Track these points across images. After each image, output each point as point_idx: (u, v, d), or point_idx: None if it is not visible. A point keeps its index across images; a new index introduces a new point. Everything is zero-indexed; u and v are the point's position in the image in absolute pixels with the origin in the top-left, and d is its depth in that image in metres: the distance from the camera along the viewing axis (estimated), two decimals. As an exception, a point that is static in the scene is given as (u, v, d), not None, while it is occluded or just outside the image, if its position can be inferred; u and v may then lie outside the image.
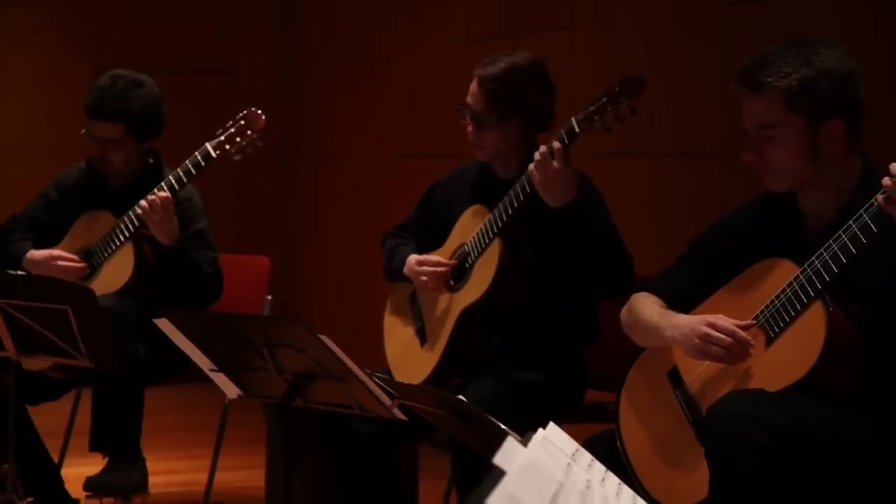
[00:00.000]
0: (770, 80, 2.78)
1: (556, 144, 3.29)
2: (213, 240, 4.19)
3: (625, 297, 3.10)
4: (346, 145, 6.75)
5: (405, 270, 3.69)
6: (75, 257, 4.14)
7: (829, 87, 2.76)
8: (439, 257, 3.65)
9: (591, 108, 3.26)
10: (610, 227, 3.42)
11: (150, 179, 4.16)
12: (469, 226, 3.62)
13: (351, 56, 6.67)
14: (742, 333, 2.75)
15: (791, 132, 2.80)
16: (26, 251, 4.18)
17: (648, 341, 2.98)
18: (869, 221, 2.61)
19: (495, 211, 3.50)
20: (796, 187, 2.88)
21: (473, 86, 3.60)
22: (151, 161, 4.28)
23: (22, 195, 4.49)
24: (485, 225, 3.53)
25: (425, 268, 3.62)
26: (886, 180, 2.56)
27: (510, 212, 3.45)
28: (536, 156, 3.31)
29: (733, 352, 2.75)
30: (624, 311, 3.06)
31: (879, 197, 2.58)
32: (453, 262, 3.62)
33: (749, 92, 2.83)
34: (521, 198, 3.41)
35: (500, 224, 3.48)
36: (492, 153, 3.62)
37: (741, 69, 2.86)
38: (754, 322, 2.77)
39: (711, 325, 2.77)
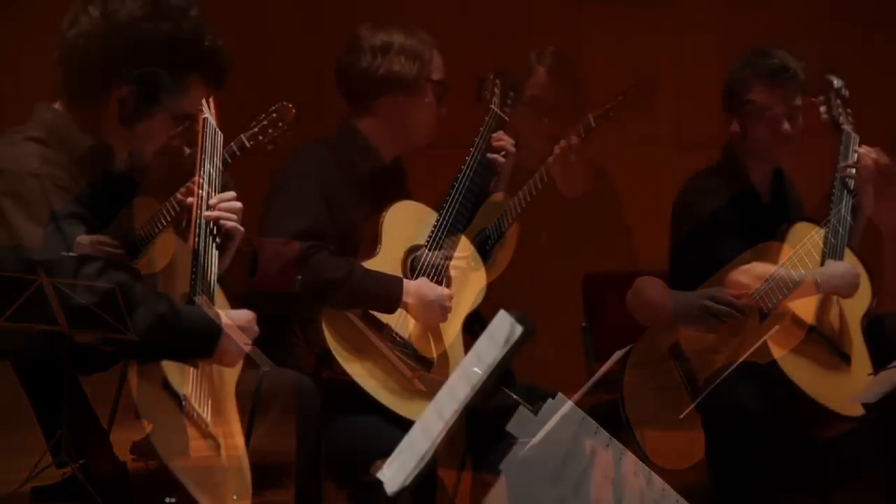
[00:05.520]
0: None
1: (574, 139, 3.30)
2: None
3: (630, 282, 3.11)
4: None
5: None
6: (116, 242, 4.11)
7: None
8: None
9: (608, 107, 3.31)
10: None
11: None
12: (490, 212, 3.61)
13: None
14: (738, 303, 2.75)
15: None
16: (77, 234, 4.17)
17: (652, 318, 2.97)
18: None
19: (514, 199, 3.49)
20: None
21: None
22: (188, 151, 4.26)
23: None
24: (504, 212, 3.52)
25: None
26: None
27: (528, 199, 3.45)
28: (556, 150, 3.31)
29: (730, 320, 2.74)
30: (630, 294, 3.06)
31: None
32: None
33: None
34: (540, 186, 3.41)
35: (517, 211, 3.48)
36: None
37: None
38: (750, 293, 2.77)
39: (710, 298, 2.78)
